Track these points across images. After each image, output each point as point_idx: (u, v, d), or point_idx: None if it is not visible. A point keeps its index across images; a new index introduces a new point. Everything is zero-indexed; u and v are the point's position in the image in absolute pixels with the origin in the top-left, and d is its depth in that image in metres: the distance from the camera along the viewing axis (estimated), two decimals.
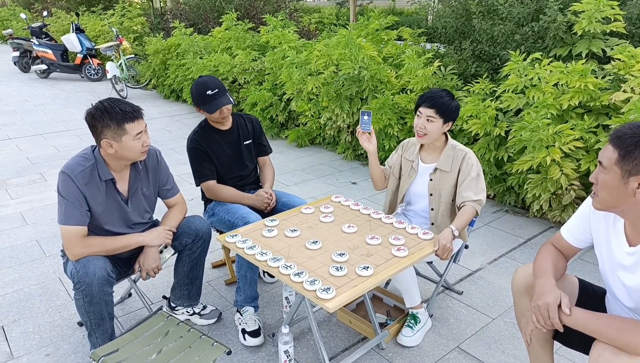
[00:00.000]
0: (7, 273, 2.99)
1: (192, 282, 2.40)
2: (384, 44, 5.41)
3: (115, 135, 1.94)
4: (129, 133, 1.95)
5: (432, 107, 2.24)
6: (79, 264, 1.94)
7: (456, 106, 2.29)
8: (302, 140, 5.65)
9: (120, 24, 10.73)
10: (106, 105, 1.95)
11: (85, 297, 1.94)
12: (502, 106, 3.75)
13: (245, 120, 2.77)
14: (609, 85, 3.38)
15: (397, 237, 2.10)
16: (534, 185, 3.45)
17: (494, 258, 3.15)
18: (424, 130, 2.28)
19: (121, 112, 1.93)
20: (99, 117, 1.93)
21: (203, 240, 2.32)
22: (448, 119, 2.27)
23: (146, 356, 1.74)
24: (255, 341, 2.32)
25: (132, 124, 1.95)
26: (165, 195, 2.33)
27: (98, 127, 1.94)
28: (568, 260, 1.71)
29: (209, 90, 2.50)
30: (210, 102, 2.51)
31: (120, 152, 1.98)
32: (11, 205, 4.02)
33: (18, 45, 10.60)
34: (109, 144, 1.95)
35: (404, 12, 13.15)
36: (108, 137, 1.94)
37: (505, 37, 4.26)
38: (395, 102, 4.46)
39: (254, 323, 2.36)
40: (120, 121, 1.93)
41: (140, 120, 1.99)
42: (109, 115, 1.92)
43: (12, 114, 7.25)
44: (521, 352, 2.29)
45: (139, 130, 1.98)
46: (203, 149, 2.57)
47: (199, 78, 2.58)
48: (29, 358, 2.27)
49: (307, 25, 8.99)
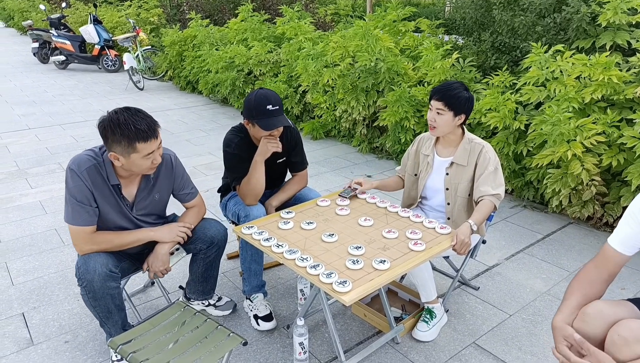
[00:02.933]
0: (27, 261, 3.05)
1: (206, 280, 2.39)
2: (401, 35, 5.34)
3: (124, 152, 1.85)
4: (139, 152, 1.86)
5: (440, 99, 2.22)
6: (81, 260, 1.93)
7: (467, 98, 2.23)
8: (317, 132, 5.63)
9: (137, 16, 10.80)
10: (121, 120, 1.82)
11: (88, 292, 1.94)
12: (522, 99, 3.67)
13: (286, 133, 2.51)
14: (633, 78, 3.29)
15: (414, 231, 2.08)
16: (553, 180, 3.38)
17: (511, 254, 3.11)
18: (434, 123, 2.26)
19: (135, 129, 1.82)
20: (110, 131, 1.83)
21: (218, 247, 2.27)
22: (459, 111, 2.23)
23: (163, 345, 1.76)
24: (269, 325, 2.35)
25: (145, 144, 1.85)
26: (184, 199, 2.27)
27: (108, 140, 1.85)
28: (617, 273, 1.56)
29: (270, 105, 2.26)
30: (269, 117, 2.27)
31: (127, 166, 1.91)
32: (31, 194, 4.08)
33: (37, 37, 10.74)
34: (116, 158, 1.88)
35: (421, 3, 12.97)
36: (117, 152, 1.86)
37: (526, 28, 4.17)
38: (412, 94, 4.41)
39: (265, 308, 2.39)
40: (132, 140, 1.83)
41: (153, 141, 1.88)
42: (121, 131, 1.81)
43: (32, 105, 7.36)
44: (538, 348, 2.26)
45: (150, 150, 1.88)
46: (242, 158, 2.41)
47: (260, 89, 2.35)
48: (48, 344, 2.31)
49: (323, 17, 8.93)
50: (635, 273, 2.86)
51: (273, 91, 2.36)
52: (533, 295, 2.67)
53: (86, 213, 1.93)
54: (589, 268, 1.58)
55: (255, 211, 2.36)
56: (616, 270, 1.56)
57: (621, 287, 2.72)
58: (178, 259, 2.19)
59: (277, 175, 2.64)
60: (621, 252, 1.54)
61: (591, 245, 3.21)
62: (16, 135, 5.82)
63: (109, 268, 1.94)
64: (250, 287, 2.44)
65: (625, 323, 1.36)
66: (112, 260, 1.98)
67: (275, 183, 2.63)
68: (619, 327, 1.35)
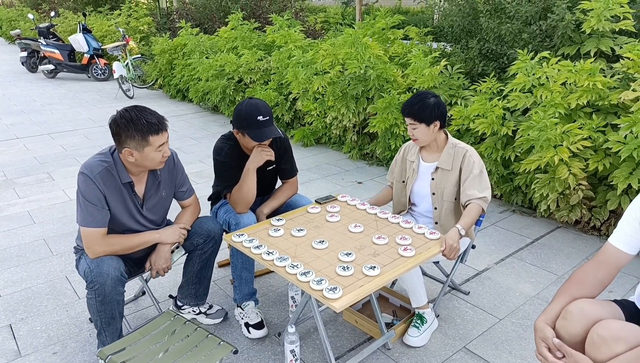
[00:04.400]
0: (15, 271, 3.01)
1: (200, 282, 2.41)
2: (390, 43, 5.39)
3: (138, 146, 1.93)
4: (152, 145, 1.94)
5: (408, 115, 2.30)
6: (93, 264, 1.94)
7: (434, 104, 2.25)
8: (307, 139, 5.65)
9: (127, 24, 10.79)
10: (132, 115, 1.91)
11: (98, 296, 1.95)
12: (509, 105, 3.72)
13: (272, 141, 2.49)
14: (617, 84, 3.35)
15: (403, 236, 2.09)
16: (541, 185, 3.42)
17: (500, 259, 3.13)
18: (413, 136, 2.34)
19: (147, 123, 1.91)
20: (123, 127, 1.90)
21: (214, 241, 2.32)
22: (430, 120, 2.26)
23: (153, 355, 1.75)
24: (260, 333, 2.35)
25: (156, 136, 1.94)
26: (182, 197, 2.33)
27: (122, 136, 1.92)
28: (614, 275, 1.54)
29: (261, 116, 2.26)
30: (260, 128, 2.27)
31: (140, 161, 1.98)
32: (19, 204, 4.04)
33: (26, 46, 10.68)
34: (130, 153, 1.94)
35: (410, 11, 13.11)
36: (130, 147, 1.93)
37: (513, 35, 4.24)
38: (401, 101, 4.44)
39: (256, 316, 2.39)
40: (145, 133, 1.91)
41: (164, 133, 1.97)
42: (134, 126, 1.90)
43: (20, 114, 7.30)
44: (528, 352, 2.27)
45: (162, 142, 1.97)
46: (234, 164, 2.42)
47: (250, 99, 2.35)
48: (36, 356, 2.28)
49: (313, 25, 8.99)
50: (622, 276, 2.90)
51: (263, 101, 2.36)
52: (522, 299, 2.69)
53: (99, 215, 1.97)
54: (585, 268, 1.56)
55: (245, 219, 2.36)
56: (614, 271, 1.54)
57: (609, 290, 2.75)
58: (178, 257, 2.31)
59: (268, 182, 2.64)
60: (624, 251, 1.52)
61: (579, 249, 3.24)
62: (4, 144, 5.76)
63: (120, 271, 1.97)
64: (241, 295, 2.43)
65: (605, 323, 1.36)
66: (122, 264, 2.01)
67: (265, 191, 2.63)
68: (599, 326, 1.36)
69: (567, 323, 1.44)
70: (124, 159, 1.99)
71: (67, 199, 4.14)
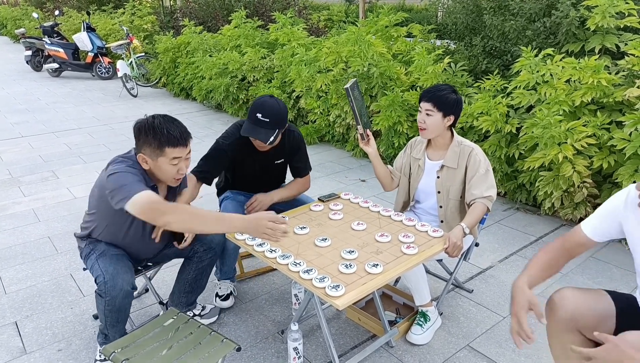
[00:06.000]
0: (20, 269, 3.03)
1: (192, 291, 2.38)
2: (394, 40, 5.37)
3: (152, 154, 1.91)
4: (167, 156, 1.90)
5: (429, 100, 2.25)
6: (107, 274, 1.92)
7: (456, 99, 2.27)
8: (311, 137, 5.64)
9: (131, 23, 10.80)
10: (156, 123, 1.90)
11: (107, 305, 1.96)
12: (513, 103, 3.71)
13: (286, 137, 2.51)
14: (622, 81, 3.33)
15: (406, 234, 2.09)
16: (545, 183, 3.41)
17: (504, 257, 3.12)
18: (423, 124, 2.29)
19: (167, 134, 1.88)
20: (144, 132, 1.90)
21: (214, 252, 2.30)
22: (448, 112, 2.25)
23: (157, 352, 1.75)
24: (224, 304, 2.58)
25: (173, 149, 1.90)
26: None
27: (140, 140, 1.92)
28: (576, 256, 1.68)
29: (260, 114, 2.27)
30: (252, 124, 2.31)
31: (153, 170, 1.95)
32: (24, 203, 4.07)
33: (30, 45, 10.72)
34: (144, 160, 1.93)
35: (413, 9, 13.06)
36: (145, 154, 1.91)
37: (517, 33, 4.21)
38: (404, 99, 4.43)
39: (227, 289, 2.60)
40: (163, 143, 1.88)
41: (182, 148, 1.93)
42: (154, 133, 1.88)
43: (25, 112, 7.34)
44: (532, 351, 2.27)
45: (177, 156, 1.92)
46: (227, 156, 2.45)
47: (268, 97, 2.35)
48: (41, 353, 2.30)
49: (316, 23, 8.98)
50: (628, 274, 2.88)
51: (277, 104, 2.33)
52: None
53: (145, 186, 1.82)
54: (557, 244, 1.68)
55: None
56: (580, 251, 1.67)
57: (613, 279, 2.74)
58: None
59: (275, 176, 2.67)
60: (590, 237, 1.63)
61: None
62: (9, 143, 5.79)
63: (131, 284, 1.97)
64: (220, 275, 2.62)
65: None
66: (133, 275, 2.02)
67: (272, 186, 2.64)
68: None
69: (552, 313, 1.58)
70: (140, 163, 1.95)
71: (71, 197, 4.16)
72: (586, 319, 1.52)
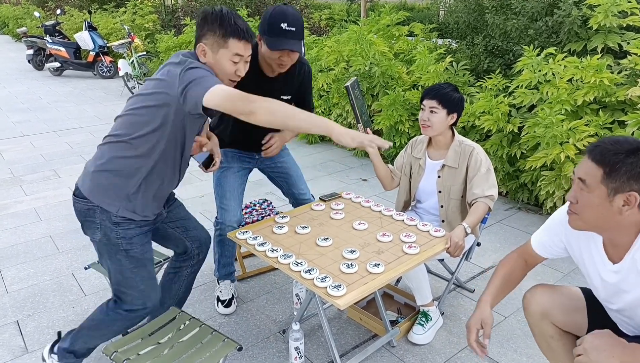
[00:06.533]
0: (22, 268, 3.03)
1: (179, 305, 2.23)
2: (395, 39, 5.37)
3: (214, 45, 1.74)
4: (229, 49, 1.74)
5: (434, 98, 2.24)
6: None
7: (459, 98, 2.28)
8: (312, 136, 5.64)
9: (132, 22, 10.80)
10: (224, 12, 1.75)
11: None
12: (515, 102, 3.70)
13: (297, 68, 2.28)
14: (625, 80, 3.32)
15: (408, 234, 2.09)
16: (547, 182, 3.40)
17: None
18: (427, 122, 2.28)
19: (234, 25, 1.73)
20: (210, 19, 1.74)
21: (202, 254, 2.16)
22: (452, 109, 2.25)
23: (158, 352, 1.75)
24: (226, 310, 2.53)
25: (237, 43, 1.74)
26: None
27: (204, 28, 1.75)
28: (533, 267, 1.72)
29: (285, 24, 2.01)
30: (279, 36, 2.03)
31: (211, 63, 1.76)
32: (25, 201, 4.07)
33: (32, 44, 10.73)
34: (203, 51, 1.76)
35: (415, 8, 13.04)
36: (207, 43, 1.75)
37: (519, 32, 4.20)
38: (406, 98, 4.43)
39: (228, 293, 2.56)
40: (228, 33, 1.72)
41: (247, 44, 1.77)
42: (221, 21, 1.72)
43: (27, 111, 7.34)
44: (534, 350, 2.26)
45: (239, 53, 1.76)
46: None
47: (281, 5, 2.10)
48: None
49: (317, 22, 8.97)
50: None
51: (297, 11, 2.11)
52: None
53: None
54: (513, 257, 1.72)
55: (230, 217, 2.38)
56: (536, 262, 1.70)
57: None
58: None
59: None
60: (538, 253, 1.66)
61: None
62: (11, 142, 5.80)
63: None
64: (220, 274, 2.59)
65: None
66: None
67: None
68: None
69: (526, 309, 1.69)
70: (198, 55, 1.77)
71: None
72: (557, 314, 1.61)
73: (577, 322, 1.61)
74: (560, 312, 1.61)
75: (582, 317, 1.61)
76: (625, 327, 1.52)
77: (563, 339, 1.64)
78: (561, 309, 1.61)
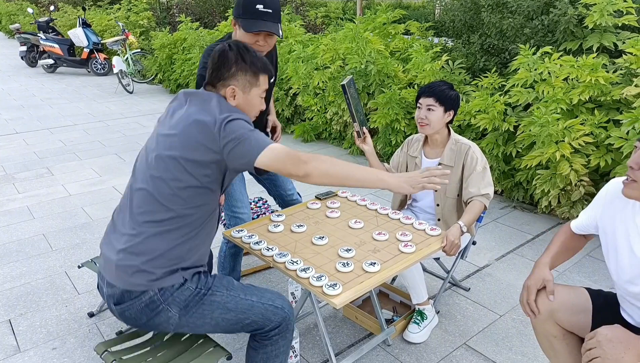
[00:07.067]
0: (14, 267, 3.00)
1: None
2: (391, 38, 5.36)
3: (246, 85, 1.62)
4: (260, 87, 1.65)
5: (431, 95, 2.24)
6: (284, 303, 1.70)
7: (456, 95, 2.28)
8: (308, 135, 5.63)
9: (127, 19, 10.74)
10: (241, 46, 1.61)
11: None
12: (511, 101, 3.70)
13: (274, 53, 2.22)
14: (620, 79, 3.32)
15: (404, 232, 2.08)
16: (542, 181, 3.41)
17: (501, 255, 3.12)
18: (425, 120, 2.27)
19: (260, 59, 1.62)
20: (240, 57, 1.59)
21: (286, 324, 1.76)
22: (448, 107, 2.25)
23: (148, 356, 1.73)
24: None
25: (265, 78, 1.66)
26: None
27: (232, 68, 1.59)
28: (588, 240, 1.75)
29: (261, 6, 1.92)
30: (254, 18, 1.92)
31: (242, 105, 1.64)
32: (18, 199, 4.03)
33: (25, 40, 10.64)
34: (234, 93, 1.61)
35: (411, 6, 13.04)
36: (238, 85, 1.61)
37: (515, 30, 4.21)
38: (402, 96, 4.42)
39: None
40: (259, 70, 1.62)
41: (269, 79, 1.70)
42: (252, 58, 1.60)
43: (20, 109, 7.28)
44: (529, 349, 2.27)
45: (265, 88, 1.69)
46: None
47: None
48: (35, 351, 2.28)
49: (313, 20, 8.94)
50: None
51: None
52: None
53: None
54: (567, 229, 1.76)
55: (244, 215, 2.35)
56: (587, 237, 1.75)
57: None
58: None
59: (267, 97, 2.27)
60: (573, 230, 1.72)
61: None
62: (3, 139, 5.75)
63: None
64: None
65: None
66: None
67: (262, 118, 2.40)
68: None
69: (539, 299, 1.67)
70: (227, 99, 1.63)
71: (66, 194, 4.13)
72: (563, 313, 1.61)
73: (582, 322, 1.60)
74: (567, 312, 1.61)
75: (587, 318, 1.60)
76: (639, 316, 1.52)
77: (566, 339, 1.62)
78: (568, 309, 1.61)
